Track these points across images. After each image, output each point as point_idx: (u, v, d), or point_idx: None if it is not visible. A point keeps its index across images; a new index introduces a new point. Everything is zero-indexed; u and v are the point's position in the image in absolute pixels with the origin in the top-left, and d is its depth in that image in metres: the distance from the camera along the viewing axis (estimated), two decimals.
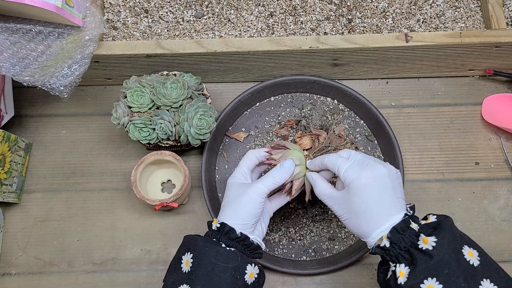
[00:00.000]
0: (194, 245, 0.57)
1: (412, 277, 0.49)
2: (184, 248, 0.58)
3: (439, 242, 0.49)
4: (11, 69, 0.66)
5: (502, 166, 0.79)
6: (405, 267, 0.50)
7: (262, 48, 0.74)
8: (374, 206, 0.54)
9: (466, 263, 0.49)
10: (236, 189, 0.61)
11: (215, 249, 0.56)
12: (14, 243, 0.75)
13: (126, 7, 0.82)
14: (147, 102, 0.70)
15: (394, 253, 0.52)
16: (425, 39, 0.74)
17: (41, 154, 0.80)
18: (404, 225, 0.52)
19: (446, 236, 0.50)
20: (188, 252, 0.56)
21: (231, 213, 0.59)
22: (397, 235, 0.52)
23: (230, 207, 0.60)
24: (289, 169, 0.61)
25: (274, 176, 0.61)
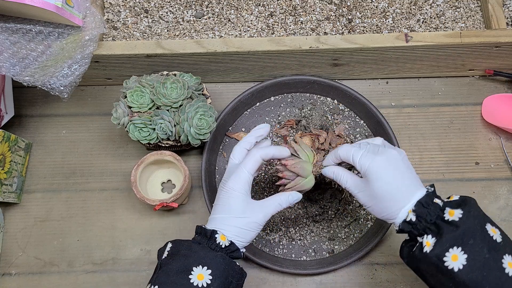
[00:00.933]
0: (213, 261, 0.56)
1: (438, 246, 0.51)
2: (196, 260, 0.56)
3: (465, 214, 0.51)
4: (11, 69, 0.66)
5: (502, 166, 0.79)
6: (432, 238, 0.52)
7: (262, 48, 0.74)
8: (395, 188, 0.55)
9: (489, 237, 0.51)
10: (240, 205, 0.59)
11: (233, 267, 0.57)
12: (14, 243, 0.75)
13: (126, 7, 0.82)
14: (147, 102, 0.70)
15: (421, 227, 0.53)
16: (425, 39, 0.74)
17: (41, 154, 0.80)
18: (428, 199, 0.54)
19: (472, 210, 0.52)
20: (205, 267, 0.55)
21: (237, 233, 0.58)
22: (422, 209, 0.53)
23: (236, 227, 0.59)
24: (296, 201, 0.63)
25: (281, 206, 0.61)
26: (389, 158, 0.56)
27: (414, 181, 0.56)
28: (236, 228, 0.59)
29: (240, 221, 0.59)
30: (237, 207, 0.59)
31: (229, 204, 0.60)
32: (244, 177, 0.60)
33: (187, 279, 0.54)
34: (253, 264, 0.73)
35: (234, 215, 0.59)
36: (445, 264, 0.50)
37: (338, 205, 0.76)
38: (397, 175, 0.55)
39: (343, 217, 0.76)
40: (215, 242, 0.57)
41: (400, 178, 0.55)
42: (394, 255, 0.74)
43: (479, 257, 0.49)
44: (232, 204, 0.59)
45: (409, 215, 0.54)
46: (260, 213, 0.60)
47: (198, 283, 0.54)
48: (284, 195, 0.62)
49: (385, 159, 0.56)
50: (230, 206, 0.59)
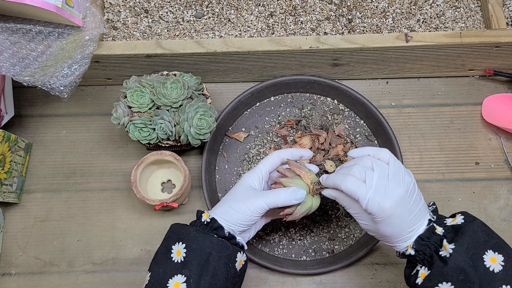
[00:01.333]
0: (186, 235, 0.57)
1: (428, 280, 0.52)
2: (174, 238, 0.57)
3: (456, 249, 0.51)
4: (11, 69, 0.66)
5: (502, 166, 0.79)
6: (427, 270, 0.53)
7: (262, 48, 0.74)
8: (398, 230, 0.55)
9: (484, 270, 0.49)
10: (243, 191, 0.61)
11: (209, 238, 0.56)
12: (14, 243, 0.75)
13: (126, 7, 0.82)
14: (147, 102, 0.70)
15: (420, 259, 0.54)
16: (425, 39, 0.74)
17: (41, 154, 0.80)
18: (429, 232, 0.54)
19: (466, 243, 0.51)
20: (180, 242, 0.56)
21: (225, 213, 0.59)
22: (421, 244, 0.54)
23: (227, 206, 0.59)
24: (300, 199, 0.59)
25: (280, 198, 0.58)
26: (396, 201, 0.53)
27: (418, 215, 0.55)
28: (225, 207, 0.59)
29: (233, 201, 0.59)
30: (238, 191, 0.61)
31: (233, 190, 0.62)
32: (256, 170, 0.62)
33: (169, 258, 0.56)
34: (253, 264, 0.73)
35: (230, 197, 0.60)
36: None
37: (338, 205, 0.76)
38: (403, 218, 0.54)
39: (343, 217, 0.76)
40: (200, 221, 0.59)
41: (405, 219, 0.54)
42: (394, 255, 0.74)
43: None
44: (235, 189, 0.61)
45: (409, 250, 0.55)
46: (255, 198, 0.59)
47: (177, 259, 0.55)
48: (287, 188, 0.59)
49: (394, 203, 0.53)
50: (232, 191, 0.61)
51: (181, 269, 0.55)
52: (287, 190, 0.59)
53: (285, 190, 0.59)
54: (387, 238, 0.56)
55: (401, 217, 0.54)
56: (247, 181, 0.62)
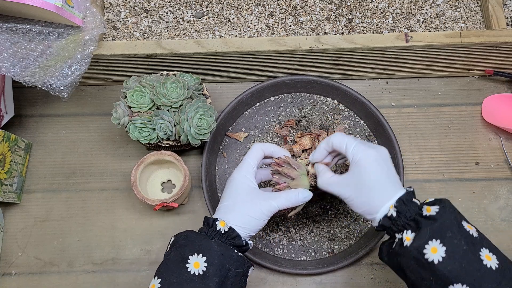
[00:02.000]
0: (207, 247, 0.56)
1: (417, 239, 0.52)
2: (192, 248, 0.56)
3: (441, 210, 0.53)
4: (11, 69, 0.66)
5: (502, 166, 0.79)
6: (411, 233, 0.53)
7: (262, 48, 0.74)
8: (382, 181, 0.57)
9: (466, 232, 0.52)
10: (245, 193, 0.60)
11: (230, 254, 0.56)
12: (14, 243, 0.75)
13: (126, 7, 0.82)
14: (147, 102, 0.70)
15: (401, 222, 0.54)
16: (425, 39, 0.74)
17: (41, 154, 0.80)
18: (409, 197, 0.56)
19: (447, 207, 0.53)
20: (200, 255, 0.55)
21: (239, 219, 0.58)
22: (403, 206, 0.55)
23: (238, 212, 0.59)
24: (305, 199, 0.62)
25: (289, 201, 0.60)
26: (380, 153, 0.58)
27: (397, 179, 0.58)
28: (240, 214, 0.59)
29: (245, 206, 0.59)
30: (241, 193, 0.60)
31: (234, 191, 0.61)
32: (245, 165, 0.62)
33: (184, 268, 0.55)
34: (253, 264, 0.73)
35: (239, 200, 0.60)
36: (425, 256, 0.51)
37: (338, 205, 0.76)
38: (385, 170, 0.57)
39: (343, 217, 0.76)
40: (215, 230, 0.58)
41: (387, 174, 0.57)
42: None
43: (457, 249, 0.50)
44: (236, 191, 0.61)
45: (391, 210, 0.55)
46: (266, 202, 0.59)
47: (194, 271, 0.54)
48: (295, 191, 0.61)
49: (377, 153, 0.58)
50: (235, 193, 0.60)
51: (199, 283, 0.54)
52: (294, 192, 0.61)
53: (293, 193, 0.61)
54: (368, 193, 0.56)
55: (381, 168, 0.57)
56: (245, 181, 0.61)
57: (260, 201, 0.59)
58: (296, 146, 0.76)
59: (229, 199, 0.61)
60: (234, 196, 0.61)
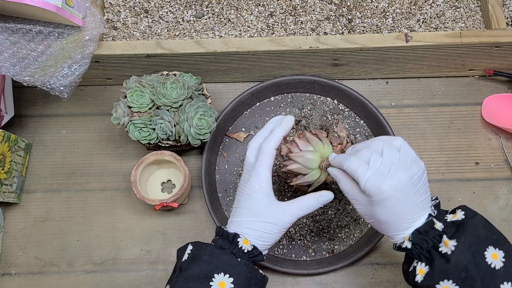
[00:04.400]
0: (233, 267, 0.54)
1: (428, 278, 0.51)
2: (219, 266, 0.54)
3: (458, 246, 0.50)
4: (11, 69, 0.66)
5: (502, 166, 0.79)
6: (425, 266, 0.52)
7: (262, 48, 0.74)
8: (396, 217, 0.53)
9: (486, 267, 0.49)
10: (267, 209, 0.57)
11: (255, 275, 0.56)
12: (14, 243, 0.75)
13: (126, 7, 0.82)
14: (147, 102, 0.70)
15: (416, 253, 0.53)
16: (425, 39, 0.74)
17: (41, 154, 0.80)
18: (428, 226, 0.52)
19: (468, 239, 0.50)
20: (227, 275, 0.53)
21: (262, 237, 0.57)
22: (419, 237, 0.52)
23: (260, 228, 0.57)
24: (327, 201, 0.59)
25: (309, 209, 0.58)
26: (396, 185, 0.52)
27: (418, 207, 0.53)
28: (259, 232, 0.57)
29: (264, 224, 0.57)
30: (260, 209, 0.57)
31: (252, 206, 0.57)
32: (263, 176, 0.57)
33: (207, 286, 0.52)
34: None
35: (258, 218, 0.57)
36: None
37: (338, 205, 0.76)
38: (401, 204, 0.52)
39: (343, 217, 0.76)
40: (237, 247, 0.56)
41: (404, 206, 0.52)
42: (394, 255, 0.74)
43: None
44: (255, 206, 0.57)
45: (405, 242, 0.53)
46: (285, 215, 0.57)
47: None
48: (313, 197, 0.58)
49: (393, 186, 0.52)
50: (253, 208, 0.57)
51: None
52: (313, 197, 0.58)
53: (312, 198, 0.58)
54: (383, 225, 0.54)
55: (398, 203, 0.52)
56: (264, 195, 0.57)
57: (280, 216, 0.57)
58: None
59: (247, 214, 0.57)
60: (253, 211, 0.57)
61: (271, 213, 0.57)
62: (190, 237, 0.75)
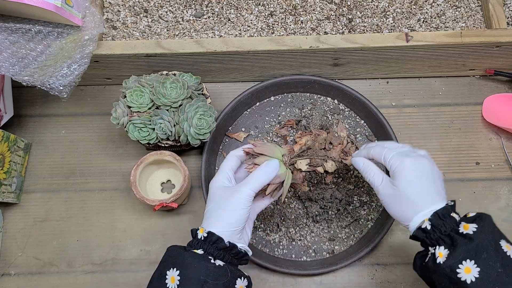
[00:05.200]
0: (181, 261, 0.54)
1: (452, 258, 0.51)
2: (169, 263, 0.55)
3: (479, 229, 0.52)
4: (10, 69, 0.66)
5: (502, 166, 0.79)
6: (444, 249, 0.52)
7: (262, 47, 0.74)
8: (417, 191, 0.56)
9: (503, 253, 0.51)
10: (220, 194, 0.59)
11: (205, 265, 0.54)
12: (14, 243, 0.75)
13: (125, 6, 0.82)
14: (146, 102, 0.70)
15: (435, 237, 0.53)
16: (426, 39, 0.74)
17: (41, 154, 0.80)
18: (446, 212, 0.54)
19: (486, 226, 0.53)
20: (174, 269, 0.54)
21: (218, 220, 0.57)
22: (438, 220, 0.54)
23: (216, 214, 0.57)
24: (275, 169, 0.59)
25: (259, 177, 0.58)
26: (419, 163, 0.57)
27: (437, 191, 0.56)
28: (218, 215, 0.57)
29: (221, 205, 0.57)
30: (216, 195, 0.59)
31: (211, 198, 0.59)
32: (219, 172, 0.61)
33: (164, 284, 0.54)
34: (253, 264, 0.73)
35: (212, 203, 0.58)
36: (458, 275, 0.50)
37: (339, 205, 0.76)
38: (422, 181, 0.56)
39: (344, 217, 0.76)
40: (197, 239, 0.56)
41: (425, 184, 0.56)
42: (394, 255, 0.74)
43: (492, 271, 0.50)
44: (212, 197, 0.59)
45: (425, 223, 0.54)
46: (237, 190, 0.57)
47: (171, 286, 0.53)
48: (260, 167, 0.59)
49: (414, 162, 0.57)
50: (211, 199, 0.59)
51: None
52: (260, 167, 0.59)
53: (258, 168, 0.59)
54: (404, 205, 0.56)
55: (420, 180, 0.56)
56: (219, 184, 0.60)
57: (232, 193, 0.57)
58: (296, 146, 0.76)
59: (208, 207, 0.59)
60: (212, 202, 0.59)
61: (223, 195, 0.58)
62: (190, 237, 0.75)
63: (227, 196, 0.58)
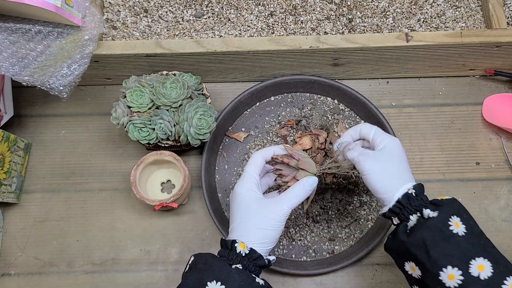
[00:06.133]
0: (227, 276, 0.53)
1: (442, 213, 0.54)
2: (211, 275, 0.53)
3: (452, 199, 0.57)
4: (10, 69, 0.66)
5: (502, 166, 0.79)
6: (431, 211, 0.55)
7: (262, 47, 0.74)
8: (404, 166, 0.60)
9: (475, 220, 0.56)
10: (254, 205, 0.57)
11: (251, 283, 0.53)
12: (14, 243, 0.75)
13: (125, 6, 0.82)
14: (146, 102, 0.70)
15: (418, 203, 0.56)
16: (426, 39, 0.74)
17: (41, 154, 0.80)
18: (422, 187, 0.58)
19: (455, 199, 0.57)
20: (219, 283, 0.52)
21: (256, 236, 0.56)
22: (421, 189, 0.58)
23: (253, 229, 0.56)
24: (314, 187, 0.60)
25: (299, 195, 0.58)
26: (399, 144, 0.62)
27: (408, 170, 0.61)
28: (254, 230, 0.56)
29: (257, 221, 0.56)
30: (250, 207, 0.57)
31: (242, 208, 0.58)
32: (247, 177, 0.59)
33: None
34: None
35: (249, 217, 0.57)
36: (450, 227, 0.53)
37: (339, 205, 0.76)
38: (405, 159, 0.61)
39: (344, 217, 0.76)
40: (236, 252, 0.55)
41: (406, 163, 0.61)
42: None
43: (475, 229, 0.54)
44: (243, 207, 0.57)
45: (410, 190, 0.57)
46: (276, 207, 0.56)
47: None
48: (299, 184, 0.58)
49: (400, 144, 0.62)
50: (242, 209, 0.57)
51: None
52: (300, 184, 0.59)
53: (299, 185, 0.58)
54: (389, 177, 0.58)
55: (404, 157, 0.61)
56: (250, 194, 0.58)
57: (271, 209, 0.56)
58: (296, 146, 0.76)
59: (239, 217, 0.57)
60: (243, 212, 0.57)
61: (260, 209, 0.57)
62: (190, 237, 0.75)
63: (264, 211, 0.57)
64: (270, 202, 0.57)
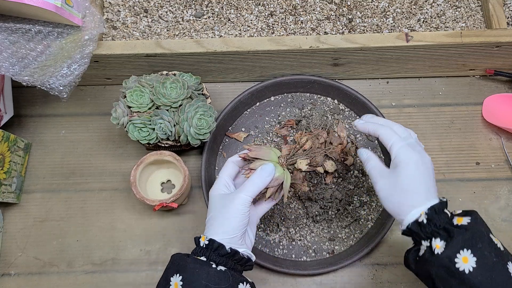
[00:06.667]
0: (183, 266, 0.55)
1: (449, 247, 0.52)
2: (173, 270, 0.56)
3: (473, 221, 0.53)
4: (10, 69, 0.66)
5: (502, 166, 0.79)
6: (440, 241, 0.53)
7: (262, 47, 0.74)
8: (417, 186, 0.56)
9: (495, 244, 0.53)
10: (219, 201, 0.60)
11: (206, 270, 0.55)
12: (14, 243, 0.75)
13: (125, 6, 0.82)
14: (146, 102, 0.70)
15: (430, 230, 0.54)
16: (426, 39, 0.74)
17: (41, 154, 0.80)
18: (441, 207, 0.55)
19: (478, 218, 0.54)
20: (177, 274, 0.55)
21: (218, 228, 0.58)
22: (434, 215, 0.54)
23: (216, 222, 0.59)
24: (271, 173, 0.60)
25: (255, 182, 0.59)
26: (423, 160, 0.57)
27: (433, 188, 0.57)
28: (218, 222, 0.58)
29: (219, 213, 0.58)
30: (216, 203, 0.60)
31: (211, 207, 0.60)
32: (217, 181, 0.62)
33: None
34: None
35: (215, 212, 0.59)
36: (456, 265, 0.51)
37: (339, 205, 0.76)
38: (424, 176, 0.57)
39: (344, 217, 0.76)
40: (200, 246, 0.57)
41: (424, 180, 0.57)
42: (394, 255, 0.74)
43: (487, 261, 0.51)
44: (212, 206, 0.60)
45: (421, 216, 0.54)
46: (235, 197, 0.58)
47: None
48: (255, 172, 0.60)
49: (419, 158, 0.57)
50: (211, 207, 0.60)
51: None
52: (255, 172, 0.60)
53: (254, 173, 0.60)
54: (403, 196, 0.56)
55: (422, 174, 0.57)
56: (218, 192, 0.61)
57: (231, 199, 0.58)
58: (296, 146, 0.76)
59: (210, 216, 0.60)
60: (212, 211, 0.60)
61: (223, 202, 0.59)
62: (190, 237, 0.75)
63: (226, 203, 0.59)
64: (231, 194, 0.60)
